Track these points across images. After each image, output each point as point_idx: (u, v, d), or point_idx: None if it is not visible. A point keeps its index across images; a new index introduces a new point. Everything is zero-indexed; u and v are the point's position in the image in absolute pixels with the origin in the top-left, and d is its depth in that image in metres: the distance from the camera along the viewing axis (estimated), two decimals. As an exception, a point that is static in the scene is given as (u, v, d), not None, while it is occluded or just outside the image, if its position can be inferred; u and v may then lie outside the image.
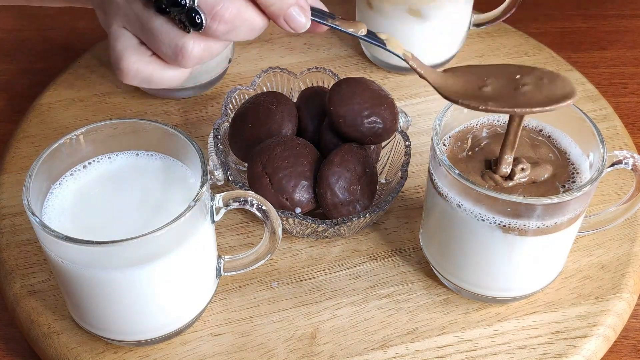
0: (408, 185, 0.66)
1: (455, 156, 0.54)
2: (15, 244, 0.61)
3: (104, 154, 0.54)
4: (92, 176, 0.53)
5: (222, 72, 0.76)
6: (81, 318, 0.53)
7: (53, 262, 0.49)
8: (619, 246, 0.61)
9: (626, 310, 0.58)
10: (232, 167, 0.63)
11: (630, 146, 0.70)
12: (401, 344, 0.55)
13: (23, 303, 0.57)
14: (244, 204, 0.52)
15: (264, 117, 0.62)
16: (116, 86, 0.76)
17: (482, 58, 0.79)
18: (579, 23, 0.91)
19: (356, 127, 0.60)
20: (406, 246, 0.62)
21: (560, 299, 0.57)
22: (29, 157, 0.69)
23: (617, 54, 0.86)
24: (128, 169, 0.54)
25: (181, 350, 0.55)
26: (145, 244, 0.46)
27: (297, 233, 0.61)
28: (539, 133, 0.55)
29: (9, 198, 0.65)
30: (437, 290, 0.58)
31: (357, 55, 0.80)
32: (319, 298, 0.58)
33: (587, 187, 0.49)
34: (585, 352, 0.55)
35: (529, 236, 0.51)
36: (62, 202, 0.51)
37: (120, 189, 0.53)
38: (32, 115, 0.73)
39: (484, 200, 0.49)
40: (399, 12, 0.72)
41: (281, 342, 0.55)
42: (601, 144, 0.51)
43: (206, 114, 0.73)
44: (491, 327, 0.56)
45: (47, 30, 0.90)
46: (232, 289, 0.58)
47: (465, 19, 0.76)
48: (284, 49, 0.81)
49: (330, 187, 0.58)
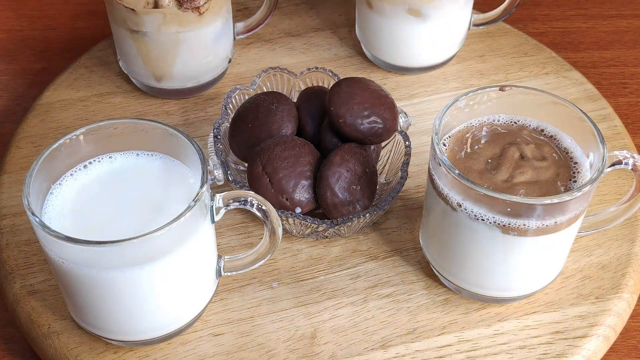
0: (408, 185, 0.66)
1: (455, 156, 0.54)
2: (15, 244, 0.61)
3: (104, 154, 0.54)
4: (92, 176, 0.53)
5: (222, 72, 0.76)
6: (81, 318, 0.53)
7: (53, 262, 0.49)
8: (619, 246, 0.61)
9: (626, 310, 0.58)
10: (232, 167, 0.63)
11: (630, 146, 0.70)
12: (401, 344, 0.55)
13: (23, 303, 0.57)
14: (244, 204, 0.52)
15: (264, 117, 0.62)
16: (116, 86, 0.76)
17: (482, 58, 0.79)
18: (579, 23, 0.91)
19: (356, 127, 0.60)
20: (406, 246, 0.62)
21: (560, 299, 0.57)
22: (29, 157, 0.69)
23: (617, 54, 0.86)
24: (128, 169, 0.54)
25: (181, 350, 0.55)
26: (145, 244, 0.46)
27: (297, 233, 0.61)
28: (540, 133, 0.55)
29: (9, 198, 0.65)
30: (437, 290, 0.58)
31: (357, 55, 0.80)
32: (319, 298, 0.58)
33: (587, 187, 0.49)
34: (585, 352, 0.55)
35: (529, 236, 0.51)
36: (62, 202, 0.51)
37: (120, 189, 0.53)
38: (32, 115, 0.73)
39: (484, 200, 0.49)
40: (399, 12, 0.72)
41: (281, 342, 0.55)
42: (601, 144, 0.51)
43: (206, 114, 0.73)
44: (491, 327, 0.56)
45: (47, 30, 0.90)
46: (232, 289, 0.58)
47: (465, 19, 0.76)
48: (284, 49, 0.81)
49: (330, 187, 0.58)
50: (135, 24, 0.68)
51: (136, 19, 0.68)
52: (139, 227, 0.48)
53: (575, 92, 0.75)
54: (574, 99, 0.74)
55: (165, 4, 0.67)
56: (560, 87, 0.75)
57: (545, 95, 0.55)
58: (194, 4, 0.67)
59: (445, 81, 0.77)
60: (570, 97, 0.74)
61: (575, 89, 0.75)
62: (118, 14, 0.69)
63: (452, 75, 0.77)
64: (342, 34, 0.83)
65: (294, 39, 0.82)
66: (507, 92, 0.55)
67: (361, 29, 0.78)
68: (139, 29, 0.68)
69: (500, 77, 0.77)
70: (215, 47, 0.73)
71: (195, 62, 0.72)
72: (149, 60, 0.71)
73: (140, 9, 0.67)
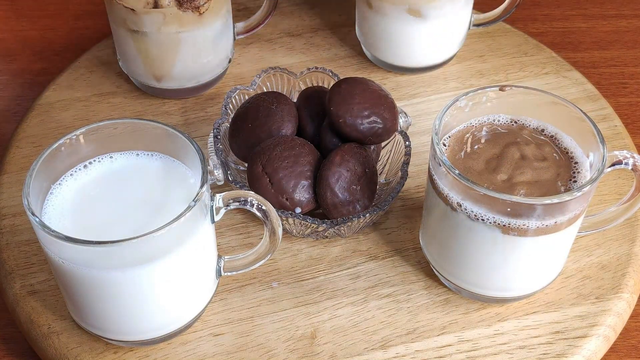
0: (408, 185, 0.66)
1: (455, 156, 0.54)
2: (15, 244, 0.61)
3: (104, 154, 0.54)
4: (92, 176, 0.53)
5: (222, 72, 0.76)
6: (81, 318, 0.53)
7: (53, 262, 0.49)
8: (619, 246, 0.61)
9: (626, 310, 0.58)
10: (232, 167, 0.63)
11: (630, 146, 0.70)
12: (401, 344, 0.55)
13: (23, 303, 0.57)
14: (244, 204, 0.52)
15: (264, 117, 0.62)
16: (116, 86, 0.76)
17: (482, 58, 0.79)
18: (579, 23, 0.91)
19: (356, 127, 0.60)
20: (406, 246, 0.62)
21: (560, 299, 0.57)
22: (29, 157, 0.69)
23: (617, 54, 0.86)
24: (128, 169, 0.54)
25: (181, 350, 0.55)
26: (145, 244, 0.46)
27: (297, 233, 0.61)
28: (540, 133, 0.55)
29: (9, 198, 0.65)
30: (437, 290, 0.58)
31: (357, 55, 0.80)
32: (319, 298, 0.58)
33: (587, 187, 0.49)
34: (585, 352, 0.55)
35: (528, 236, 0.51)
36: (62, 202, 0.51)
37: (120, 189, 0.53)
38: (32, 115, 0.73)
39: (484, 200, 0.49)
40: (399, 12, 0.72)
41: (281, 342, 0.55)
42: (601, 144, 0.51)
43: (206, 114, 0.73)
44: (491, 327, 0.56)
45: (47, 30, 0.90)
46: (232, 289, 0.58)
47: (465, 19, 0.76)
48: (284, 49, 0.81)
49: (330, 187, 0.58)
50: (135, 24, 0.68)
51: (136, 19, 0.68)
52: (139, 227, 0.48)
53: (575, 92, 0.75)
54: (574, 99, 0.74)
55: (165, 4, 0.67)
56: (560, 87, 0.75)
57: (545, 95, 0.55)
58: (194, 4, 0.67)
59: (445, 81, 0.77)
60: (570, 97, 0.74)
61: (575, 89, 0.75)
62: (118, 14, 0.69)
63: (452, 75, 0.77)
64: (342, 34, 0.83)
65: (294, 39, 0.82)
66: (507, 92, 0.55)
67: (361, 29, 0.78)
68: (138, 29, 0.68)
69: (500, 77, 0.77)
70: (215, 47, 0.73)
71: (195, 62, 0.72)
72: (149, 60, 0.71)
73: (140, 9, 0.67)
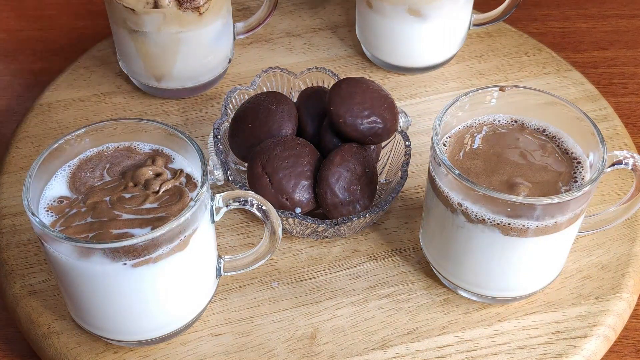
0: (408, 185, 0.66)
1: (455, 156, 0.54)
2: (15, 244, 0.61)
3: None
4: (92, 176, 0.53)
5: (222, 72, 0.76)
6: (81, 318, 0.53)
7: (53, 262, 0.49)
8: (619, 246, 0.61)
9: (626, 310, 0.58)
10: (232, 167, 0.63)
11: (630, 146, 0.70)
12: (401, 344, 0.55)
13: (23, 303, 0.57)
14: (244, 204, 0.52)
15: (264, 117, 0.62)
16: (116, 86, 0.76)
17: (482, 58, 0.79)
18: (579, 23, 0.91)
19: (356, 127, 0.60)
20: (406, 246, 0.62)
21: (560, 299, 0.57)
22: (29, 157, 0.69)
23: (617, 54, 0.86)
24: (128, 169, 0.54)
25: (181, 350, 0.55)
26: (145, 243, 0.46)
27: (297, 233, 0.61)
28: (541, 133, 0.55)
29: (9, 198, 0.65)
30: (437, 290, 0.58)
31: (357, 55, 0.80)
32: (319, 298, 0.58)
33: (587, 187, 0.49)
34: (585, 352, 0.55)
35: (528, 236, 0.51)
36: (62, 202, 0.51)
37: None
38: (32, 115, 0.73)
39: (484, 200, 0.49)
40: (399, 12, 0.72)
41: (281, 342, 0.55)
42: (601, 144, 0.51)
43: (206, 114, 0.73)
44: (491, 327, 0.56)
45: (47, 30, 0.90)
46: (232, 289, 0.58)
47: (465, 19, 0.76)
48: (284, 49, 0.81)
49: (330, 187, 0.58)
50: (135, 24, 0.68)
51: (136, 19, 0.68)
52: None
53: (575, 92, 0.75)
54: (574, 99, 0.74)
55: (165, 4, 0.67)
56: (560, 87, 0.75)
57: (545, 95, 0.55)
58: (193, 4, 0.67)
59: (445, 81, 0.77)
60: (570, 97, 0.74)
61: (575, 89, 0.75)
62: (118, 14, 0.69)
63: (452, 75, 0.78)
64: (342, 34, 0.83)
65: (294, 39, 0.82)
66: (507, 92, 0.55)
67: (361, 29, 0.78)
68: (138, 29, 0.68)
69: (500, 77, 0.77)
70: (215, 47, 0.73)
71: (195, 62, 0.72)
72: (149, 60, 0.71)
73: (140, 9, 0.67)
